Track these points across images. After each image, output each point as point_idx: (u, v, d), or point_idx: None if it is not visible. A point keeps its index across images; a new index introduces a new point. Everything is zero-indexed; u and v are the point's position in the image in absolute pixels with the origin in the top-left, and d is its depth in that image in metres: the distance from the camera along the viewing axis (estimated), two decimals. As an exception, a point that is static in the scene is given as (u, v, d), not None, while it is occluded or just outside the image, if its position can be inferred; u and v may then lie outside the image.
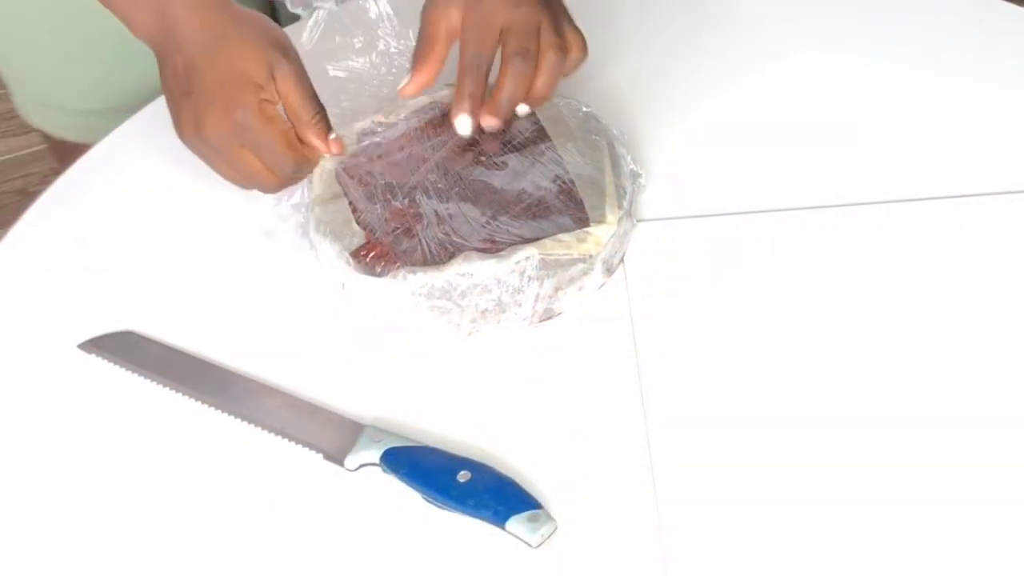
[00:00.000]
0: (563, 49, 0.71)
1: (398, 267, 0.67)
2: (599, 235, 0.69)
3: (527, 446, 0.62)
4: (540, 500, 0.58)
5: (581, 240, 0.69)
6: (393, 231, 0.69)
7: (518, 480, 0.59)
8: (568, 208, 0.70)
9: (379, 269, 0.67)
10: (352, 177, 0.72)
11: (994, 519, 0.58)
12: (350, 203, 0.71)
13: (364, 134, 0.76)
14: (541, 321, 0.69)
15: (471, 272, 0.66)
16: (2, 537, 0.60)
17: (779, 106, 0.84)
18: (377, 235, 0.69)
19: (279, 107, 0.69)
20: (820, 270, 0.71)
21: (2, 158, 2.04)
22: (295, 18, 0.94)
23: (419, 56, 0.72)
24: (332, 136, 0.70)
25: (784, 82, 0.86)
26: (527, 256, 0.67)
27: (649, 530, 0.58)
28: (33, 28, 0.94)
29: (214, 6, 0.68)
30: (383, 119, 0.77)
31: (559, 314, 0.69)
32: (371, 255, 0.68)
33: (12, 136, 2.08)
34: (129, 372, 0.67)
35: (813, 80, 0.87)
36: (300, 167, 0.70)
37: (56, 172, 0.82)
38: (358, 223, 0.69)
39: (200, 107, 0.66)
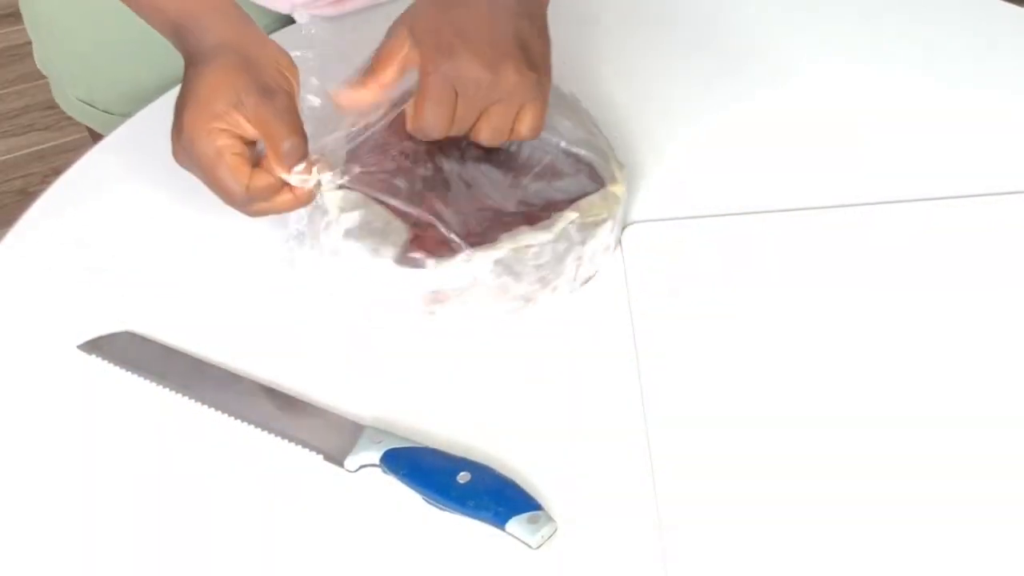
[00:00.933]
0: (500, 131, 0.68)
1: (453, 253, 0.67)
2: (618, 193, 0.71)
3: (527, 447, 0.62)
4: (540, 501, 0.58)
5: (606, 199, 0.71)
6: (430, 209, 0.68)
7: (518, 481, 0.59)
8: (581, 170, 0.72)
9: (432, 260, 0.67)
10: (365, 175, 0.70)
11: (994, 519, 0.58)
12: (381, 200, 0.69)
13: (351, 138, 0.73)
14: (582, 285, 0.70)
15: (526, 243, 0.67)
16: (2, 537, 0.60)
17: (779, 106, 0.84)
18: (417, 218, 0.68)
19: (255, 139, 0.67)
20: (820, 270, 0.71)
21: (2, 158, 2.04)
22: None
23: (368, 73, 0.70)
24: (300, 167, 0.66)
25: (784, 82, 0.86)
26: (571, 220, 0.68)
27: (649, 530, 0.58)
28: (74, 33, 0.94)
29: (224, 23, 0.68)
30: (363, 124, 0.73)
31: (594, 275, 0.71)
32: (421, 247, 0.67)
33: (12, 136, 2.08)
34: (129, 372, 0.67)
35: (813, 80, 0.87)
36: (254, 195, 0.67)
37: (57, 172, 0.82)
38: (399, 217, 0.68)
39: (171, 128, 0.67)
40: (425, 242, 0.68)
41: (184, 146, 0.66)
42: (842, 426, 0.62)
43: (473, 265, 0.67)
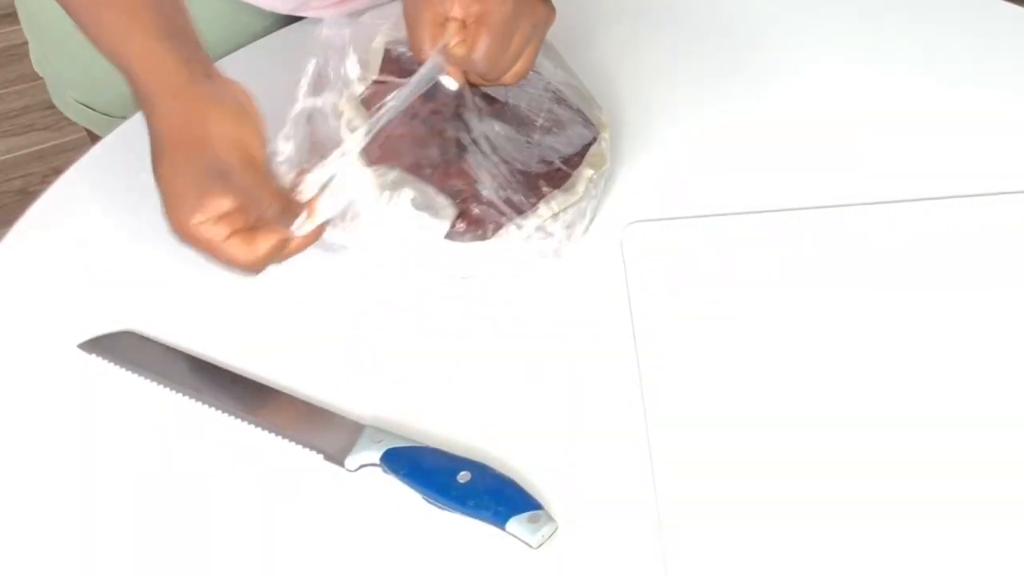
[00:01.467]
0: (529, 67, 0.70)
1: (500, 225, 0.69)
2: (608, 138, 0.75)
3: (527, 446, 0.62)
4: (540, 500, 0.58)
5: (601, 147, 0.74)
6: (468, 181, 0.69)
7: (518, 480, 0.59)
8: (575, 118, 0.74)
9: (483, 232, 0.69)
10: (391, 148, 0.70)
11: (994, 519, 0.58)
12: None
13: (371, 127, 0.70)
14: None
15: (561, 207, 0.71)
16: (2, 537, 0.60)
17: (779, 106, 0.84)
18: (460, 190, 0.69)
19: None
20: (820, 270, 0.71)
21: (2, 158, 2.04)
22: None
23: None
24: (299, 219, 0.66)
25: (784, 82, 0.87)
26: (590, 178, 0.72)
27: (649, 530, 0.58)
28: (71, 35, 0.94)
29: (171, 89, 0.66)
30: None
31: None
32: (468, 221, 0.69)
33: (12, 136, 2.08)
34: (129, 372, 0.67)
35: (813, 80, 0.87)
36: (265, 261, 0.66)
37: (57, 172, 0.82)
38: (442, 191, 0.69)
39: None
40: (470, 215, 0.69)
41: (180, 241, 0.66)
42: (842, 426, 0.62)
43: (522, 233, 0.69)
